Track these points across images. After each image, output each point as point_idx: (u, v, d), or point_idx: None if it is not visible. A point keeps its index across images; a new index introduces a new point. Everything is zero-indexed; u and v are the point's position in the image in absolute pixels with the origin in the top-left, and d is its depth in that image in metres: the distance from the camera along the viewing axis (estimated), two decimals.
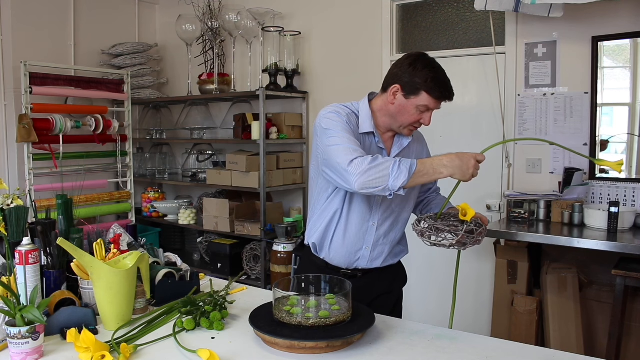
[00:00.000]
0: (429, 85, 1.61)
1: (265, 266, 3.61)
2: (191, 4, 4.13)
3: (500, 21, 3.20)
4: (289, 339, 1.32)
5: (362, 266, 1.79)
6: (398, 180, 1.50)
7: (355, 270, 1.80)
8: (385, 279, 1.86)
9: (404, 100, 1.65)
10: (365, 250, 1.78)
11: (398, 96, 1.66)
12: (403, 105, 1.66)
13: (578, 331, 2.75)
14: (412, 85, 1.63)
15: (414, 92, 1.63)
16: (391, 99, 1.67)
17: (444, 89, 1.64)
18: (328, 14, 3.78)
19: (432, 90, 1.62)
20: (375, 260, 1.80)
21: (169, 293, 1.68)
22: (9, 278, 1.48)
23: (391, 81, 1.68)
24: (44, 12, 3.90)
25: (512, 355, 1.34)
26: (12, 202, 1.78)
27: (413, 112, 1.66)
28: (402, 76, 1.65)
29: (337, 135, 1.61)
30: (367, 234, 1.77)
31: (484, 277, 3.30)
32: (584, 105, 2.96)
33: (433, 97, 1.63)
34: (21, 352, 1.26)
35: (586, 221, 2.75)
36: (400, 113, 1.67)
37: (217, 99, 4.13)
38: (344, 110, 1.69)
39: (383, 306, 1.80)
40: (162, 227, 4.41)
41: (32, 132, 3.43)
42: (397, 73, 1.67)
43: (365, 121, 1.71)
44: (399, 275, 1.94)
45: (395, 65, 1.70)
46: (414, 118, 1.67)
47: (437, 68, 1.65)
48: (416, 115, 1.66)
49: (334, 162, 1.57)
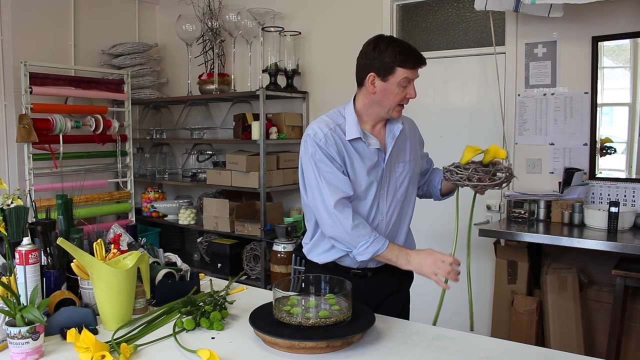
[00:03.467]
0: (400, 58, 1.64)
1: (265, 266, 3.61)
2: (191, 4, 4.13)
3: (500, 21, 3.20)
4: (289, 339, 1.32)
5: (372, 265, 1.79)
6: (359, 256, 1.66)
7: (365, 270, 1.79)
8: (395, 278, 1.86)
9: (384, 84, 1.67)
10: None
11: (377, 82, 1.68)
12: (384, 88, 1.68)
13: (578, 331, 2.75)
14: (384, 66, 1.65)
15: (389, 71, 1.65)
16: (371, 88, 1.69)
17: (414, 56, 1.66)
18: (328, 14, 3.78)
19: (405, 62, 1.64)
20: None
21: (169, 293, 1.68)
22: (9, 278, 1.48)
23: (364, 73, 1.70)
24: (44, 12, 3.90)
25: (512, 355, 1.34)
26: (12, 202, 1.78)
27: (396, 91, 1.67)
28: (372, 63, 1.67)
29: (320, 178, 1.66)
30: (377, 230, 1.76)
31: (484, 277, 3.30)
32: (584, 105, 2.96)
33: (408, 68, 1.65)
34: (21, 352, 1.26)
35: (586, 221, 2.75)
36: (385, 97, 1.69)
37: (217, 99, 4.13)
38: (324, 134, 1.69)
39: (393, 305, 1.80)
40: (162, 227, 4.41)
41: (32, 132, 3.43)
42: (366, 63, 1.70)
43: (352, 127, 1.72)
44: (406, 274, 1.94)
45: (360, 58, 1.73)
46: (399, 96, 1.69)
47: (400, 41, 1.69)
48: (400, 93, 1.68)
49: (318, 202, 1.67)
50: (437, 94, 3.45)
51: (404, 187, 1.81)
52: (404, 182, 1.81)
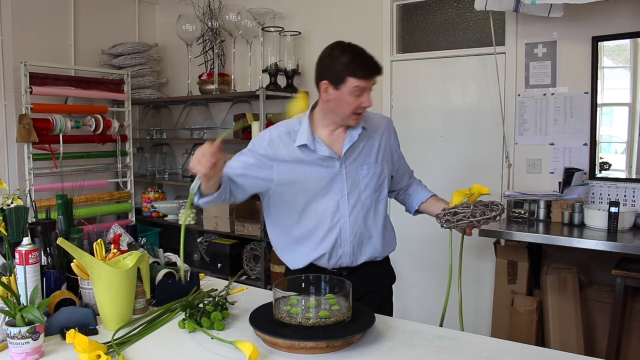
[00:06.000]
0: (351, 68, 1.62)
1: (265, 266, 3.61)
2: (191, 4, 4.13)
3: (500, 21, 3.20)
4: (289, 339, 1.32)
5: (345, 264, 1.79)
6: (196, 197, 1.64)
7: (340, 269, 1.80)
8: (372, 277, 1.86)
9: (336, 92, 1.66)
10: (345, 248, 1.78)
11: (330, 91, 1.67)
12: (337, 97, 1.66)
13: (578, 331, 2.75)
14: (336, 75, 1.64)
15: (341, 80, 1.64)
16: (325, 96, 1.69)
17: (367, 66, 1.64)
18: (328, 14, 3.78)
19: (356, 72, 1.62)
20: (357, 256, 1.80)
21: (169, 293, 1.68)
22: (9, 278, 1.48)
23: (318, 80, 1.70)
24: (44, 12, 3.89)
25: (512, 355, 1.34)
26: (12, 202, 1.78)
27: (350, 100, 1.66)
28: (325, 71, 1.67)
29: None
30: (341, 232, 1.77)
31: (484, 277, 3.30)
32: (584, 105, 2.96)
33: (359, 78, 1.63)
34: (21, 352, 1.26)
35: (586, 221, 2.75)
36: (338, 105, 1.68)
37: (217, 99, 4.13)
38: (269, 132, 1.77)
39: (369, 304, 1.80)
40: (162, 227, 4.41)
41: (32, 132, 3.43)
42: (320, 70, 1.69)
43: (302, 134, 1.73)
44: (386, 272, 1.94)
45: (317, 64, 1.72)
46: (353, 105, 1.67)
47: (354, 49, 1.66)
48: (354, 102, 1.66)
49: None
50: (437, 94, 3.45)
51: (370, 189, 1.80)
52: (370, 184, 1.80)
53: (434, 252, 3.41)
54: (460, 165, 3.37)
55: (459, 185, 1.92)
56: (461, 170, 3.36)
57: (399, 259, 2.09)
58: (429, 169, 3.37)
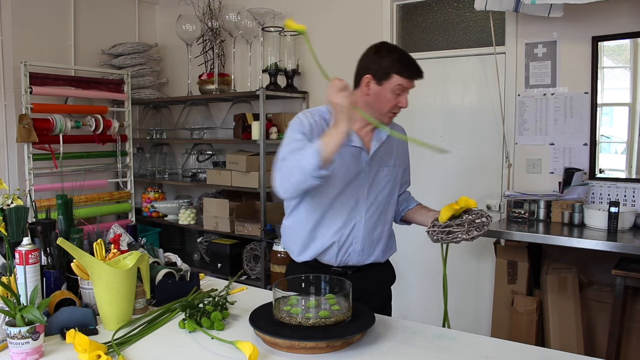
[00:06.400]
0: (398, 66, 1.67)
1: (265, 266, 3.61)
2: (191, 4, 4.13)
3: (500, 21, 3.20)
4: (289, 339, 1.32)
5: (352, 262, 1.80)
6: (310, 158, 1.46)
7: (345, 268, 1.81)
8: (375, 277, 1.88)
9: (378, 88, 1.69)
10: (355, 245, 1.78)
11: (371, 85, 1.70)
12: (378, 92, 1.70)
13: (578, 331, 2.75)
14: (382, 71, 1.68)
15: (385, 76, 1.68)
16: (365, 90, 1.72)
17: (412, 67, 1.69)
18: (328, 13, 3.78)
19: (402, 71, 1.67)
20: (365, 256, 1.81)
21: (169, 293, 1.68)
22: (9, 278, 1.48)
23: (361, 74, 1.73)
24: (44, 12, 3.89)
25: (512, 355, 1.34)
26: (12, 202, 1.78)
27: (389, 97, 1.69)
28: (370, 66, 1.70)
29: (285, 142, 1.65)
30: (355, 229, 1.77)
31: (484, 277, 3.30)
32: (584, 105, 2.96)
33: (404, 77, 1.68)
34: (21, 352, 1.26)
35: (586, 221, 2.75)
36: (377, 101, 1.71)
37: (217, 99, 4.13)
38: (307, 118, 1.72)
39: (372, 304, 1.80)
40: (162, 227, 4.41)
41: (32, 132, 3.43)
42: (365, 65, 1.73)
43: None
44: (388, 273, 1.95)
45: (361, 60, 1.76)
46: (391, 103, 1.71)
47: (401, 51, 1.73)
48: (393, 100, 1.70)
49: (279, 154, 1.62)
50: (437, 94, 3.45)
51: (387, 191, 1.83)
52: (387, 185, 1.83)
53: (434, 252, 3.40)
54: (460, 165, 3.37)
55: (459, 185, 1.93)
56: (461, 170, 3.36)
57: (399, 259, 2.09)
58: (428, 169, 3.37)
